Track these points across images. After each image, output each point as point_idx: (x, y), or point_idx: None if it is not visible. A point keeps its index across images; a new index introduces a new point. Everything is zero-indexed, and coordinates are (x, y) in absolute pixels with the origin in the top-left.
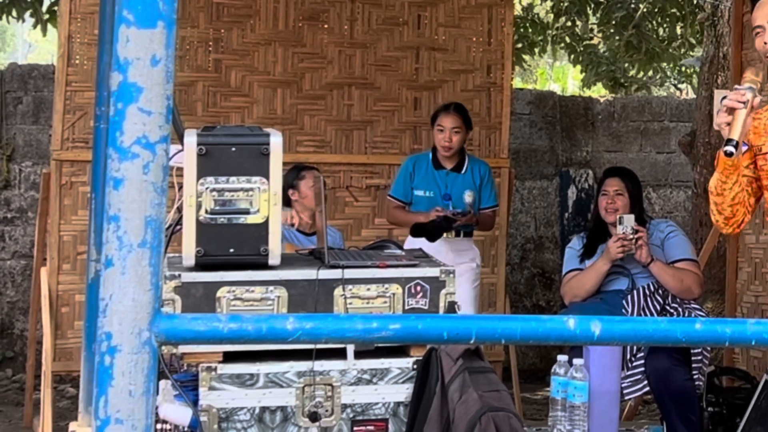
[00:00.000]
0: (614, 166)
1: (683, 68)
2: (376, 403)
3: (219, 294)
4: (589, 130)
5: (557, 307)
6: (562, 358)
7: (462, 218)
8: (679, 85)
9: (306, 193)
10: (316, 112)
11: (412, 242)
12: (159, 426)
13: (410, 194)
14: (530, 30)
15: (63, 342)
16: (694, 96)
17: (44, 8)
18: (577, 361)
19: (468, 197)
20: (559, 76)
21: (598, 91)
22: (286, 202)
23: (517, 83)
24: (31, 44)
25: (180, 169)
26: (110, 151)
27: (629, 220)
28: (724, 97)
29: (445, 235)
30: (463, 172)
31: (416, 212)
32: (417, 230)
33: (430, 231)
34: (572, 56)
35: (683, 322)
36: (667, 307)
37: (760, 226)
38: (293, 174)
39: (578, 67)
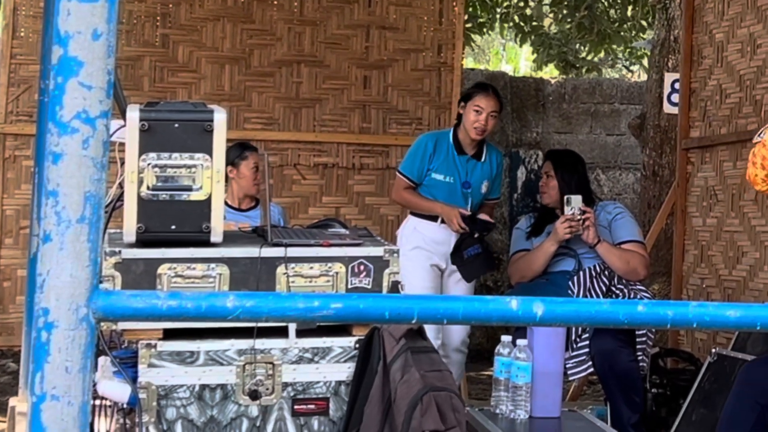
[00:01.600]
0: (553, 149)
1: (634, 50)
2: (318, 382)
3: (160, 271)
4: (539, 111)
5: (505, 288)
6: (506, 338)
7: (490, 226)
8: (631, 67)
9: (245, 174)
10: (265, 89)
11: (408, 226)
12: (98, 402)
13: (424, 174)
14: (479, 9)
15: (4, 317)
16: (645, 78)
17: None
18: (520, 342)
19: (485, 188)
20: (512, 57)
21: (551, 73)
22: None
23: (470, 63)
24: None
25: (122, 144)
26: (50, 126)
27: (576, 201)
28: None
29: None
30: (482, 160)
31: (432, 200)
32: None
33: (474, 262)
34: (520, 37)
35: (626, 304)
36: (613, 288)
37: (707, 209)
38: (236, 152)
39: (531, 48)
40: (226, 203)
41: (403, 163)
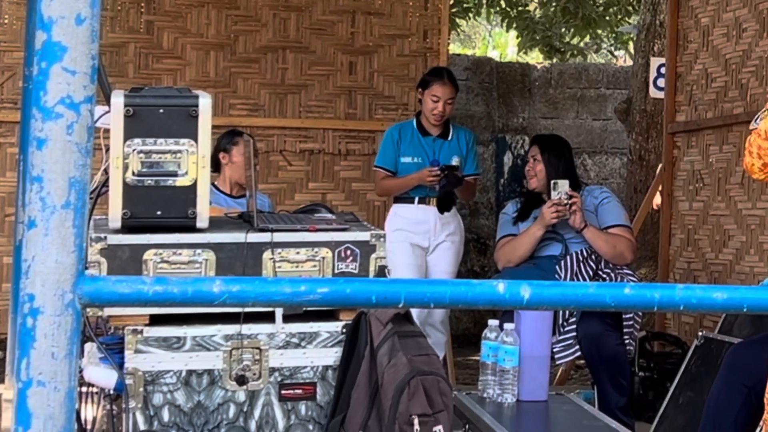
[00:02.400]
0: (540, 134)
1: (620, 35)
2: (305, 367)
3: (146, 257)
4: (525, 96)
5: (492, 273)
6: (493, 322)
7: (455, 167)
8: (616, 52)
9: (237, 160)
10: (250, 75)
11: (390, 213)
12: (84, 389)
13: (397, 163)
14: None
15: None
16: (631, 63)
17: None
18: (507, 326)
19: (455, 161)
20: (499, 43)
21: (536, 58)
22: (216, 166)
23: (457, 49)
24: None
25: (107, 130)
26: (34, 111)
27: (563, 185)
28: None
29: (432, 204)
30: (449, 139)
31: (405, 176)
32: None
33: (445, 198)
34: (506, 21)
35: (612, 287)
36: (600, 273)
37: (693, 193)
38: (227, 138)
39: (516, 33)
40: (219, 190)
41: (378, 157)
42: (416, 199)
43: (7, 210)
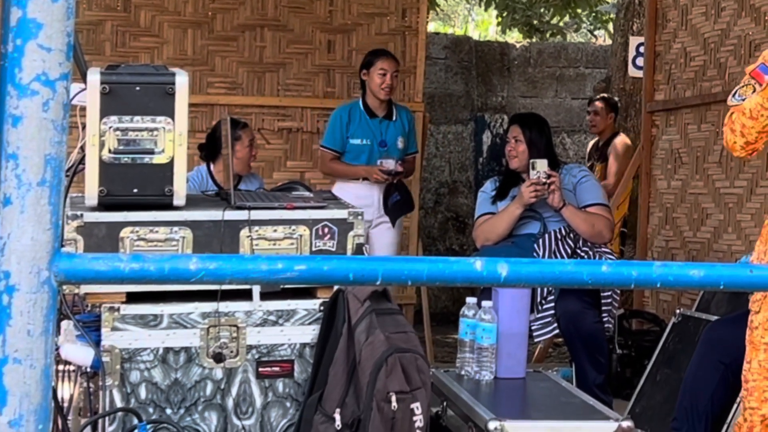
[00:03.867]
0: (518, 113)
1: (599, 14)
2: (282, 345)
3: (122, 234)
4: (504, 75)
5: (470, 251)
6: (471, 300)
7: (401, 173)
8: (595, 32)
9: (241, 155)
10: (228, 53)
11: (336, 189)
12: (61, 367)
13: (344, 144)
14: None
15: None
16: (610, 42)
17: None
18: (485, 304)
19: (401, 143)
20: (480, 23)
21: (516, 37)
22: (213, 155)
23: (439, 28)
24: None
25: (83, 108)
26: (9, 88)
27: (542, 164)
28: None
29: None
30: (394, 119)
31: (354, 165)
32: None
33: (396, 208)
34: (485, 1)
35: (590, 264)
36: (578, 251)
37: (671, 171)
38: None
39: (497, 12)
40: (214, 179)
41: (324, 138)
42: (361, 177)
43: None
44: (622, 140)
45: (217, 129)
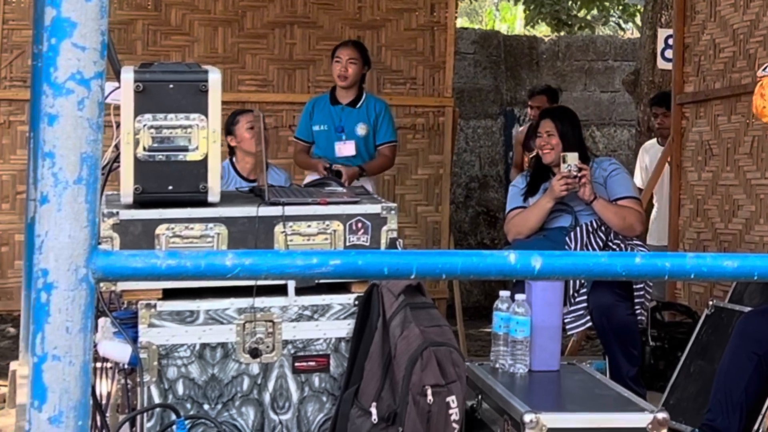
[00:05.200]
0: (549, 107)
1: (627, 7)
2: (318, 339)
3: (158, 231)
4: (533, 69)
5: (501, 246)
6: (504, 293)
7: (346, 176)
8: (623, 25)
9: (242, 137)
10: (258, 51)
11: (308, 177)
12: (99, 364)
13: (310, 133)
14: None
15: (3, 281)
16: (638, 35)
17: None
18: (519, 297)
19: (361, 130)
20: (506, 17)
21: (544, 31)
22: (231, 152)
23: (464, 23)
24: None
25: (117, 107)
26: (44, 87)
27: (573, 158)
28: None
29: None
30: (358, 106)
31: (311, 159)
32: None
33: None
34: None
35: (623, 256)
36: (610, 244)
37: (702, 163)
38: (229, 121)
39: (524, 6)
40: (238, 173)
41: (297, 129)
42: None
43: (19, 188)
44: None
45: (229, 121)
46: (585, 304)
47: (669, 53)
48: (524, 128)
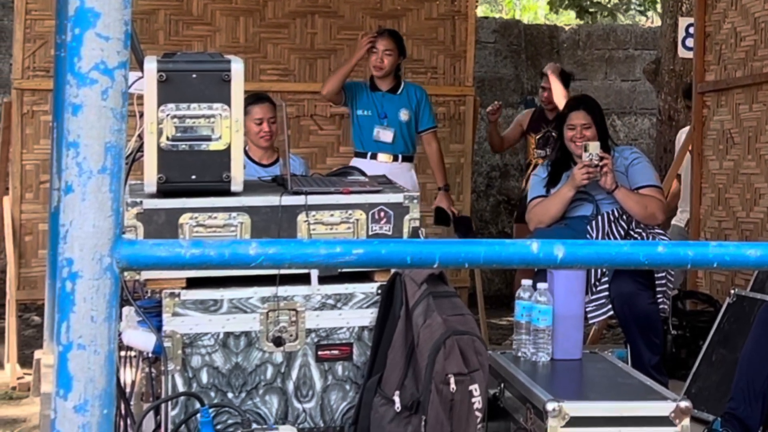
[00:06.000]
0: (577, 97)
1: None
2: (341, 328)
3: (181, 221)
4: (554, 58)
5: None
6: (527, 282)
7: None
8: (645, 12)
9: (249, 128)
10: (280, 40)
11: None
12: (123, 354)
13: (354, 89)
14: None
15: (27, 271)
16: (659, 24)
17: None
18: (541, 286)
19: (404, 115)
20: (527, 6)
21: (565, 20)
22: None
23: (485, 12)
24: None
25: (140, 96)
26: (68, 77)
27: (594, 147)
28: None
29: (383, 159)
30: (398, 93)
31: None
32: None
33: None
34: None
35: (646, 245)
36: (631, 233)
37: (723, 152)
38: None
39: None
40: (249, 157)
41: None
42: (368, 154)
43: (42, 177)
44: None
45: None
46: (606, 293)
47: (690, 42)
48: (529, 111)
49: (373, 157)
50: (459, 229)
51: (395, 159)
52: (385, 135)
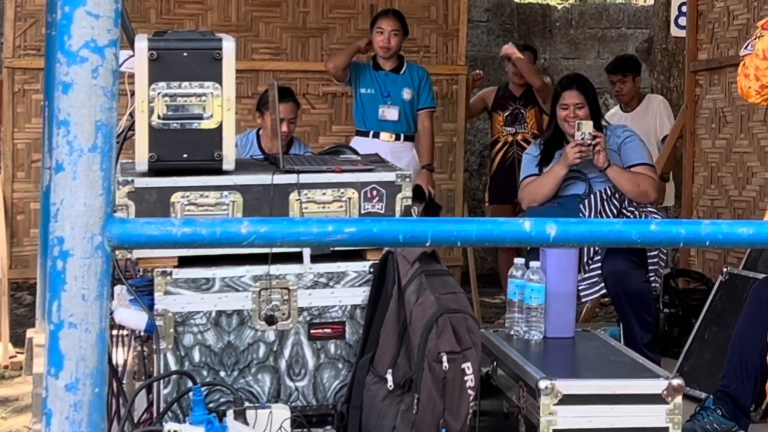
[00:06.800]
0: (570, 76)
1: None
2: (333, 306)
3: (173, 199)
4: (546, 37)
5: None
6: (519, 260)
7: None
8: None
9: (265, 123)
10: (272, 19)
11: (353, 143)
12: (115, 332)
13: (355, 66)
14: None
15: (19, 250)
16: (652, 2)
17: None
18: (533, 264)
19: (407, 94)
20: None
21: None
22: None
23: None
24: None
25: (132, 75)
26: (59, 56)
27: (587, 126)
28: None
29: (385, 138)
30: (401, 73)
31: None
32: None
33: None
34: None
35: (638, 224)
36: (624, 211)
37: (716, 130)
38: (260, 101)
39: None
40: (261, 149)
41: None
42: (371, 133)
43: (34, 156)
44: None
45: (264, 94)
46: (599, 271)
47: (683, 20)
48: (494, 89)
49: (376, 135)
50: (427, 213)
51: (397, 138)
52: (391, 113)
